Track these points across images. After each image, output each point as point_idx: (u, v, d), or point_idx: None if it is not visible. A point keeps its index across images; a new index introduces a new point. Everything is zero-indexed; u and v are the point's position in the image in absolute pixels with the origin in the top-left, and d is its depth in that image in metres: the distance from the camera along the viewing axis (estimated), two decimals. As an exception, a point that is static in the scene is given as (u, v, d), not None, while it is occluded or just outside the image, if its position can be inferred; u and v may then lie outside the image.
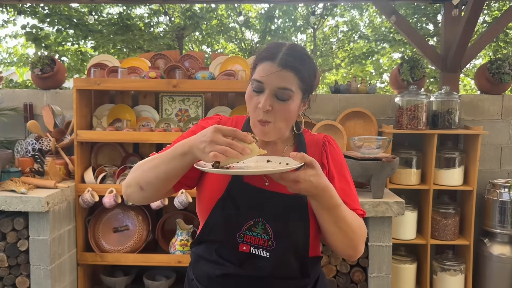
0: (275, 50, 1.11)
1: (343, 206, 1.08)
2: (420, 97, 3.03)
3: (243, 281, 1.12)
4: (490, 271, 3.08)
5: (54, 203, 2.50)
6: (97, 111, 3.06)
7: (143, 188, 1.11)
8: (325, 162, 1.20)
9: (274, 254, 1.11)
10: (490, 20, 7.68)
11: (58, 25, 6.76)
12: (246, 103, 1.16)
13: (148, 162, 1.12)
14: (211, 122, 1.22)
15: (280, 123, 1.12)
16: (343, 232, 1.09)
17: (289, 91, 1.09)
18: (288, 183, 0.99)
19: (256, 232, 1.11)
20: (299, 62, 1.10)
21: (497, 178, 3.23)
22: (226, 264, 1.12)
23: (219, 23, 8.45)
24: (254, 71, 1.14)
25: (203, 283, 1.17)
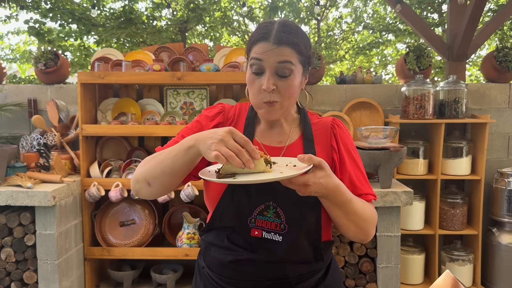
0: (267, 29, 1.08)
1: (354, 200, 1.08)
2: (427, 86, 3.00)
3: (255, 265, 1.10)
4: (499, 261, 3.06)
5: (60, 197, 2.50)
6: (102, 105, 3.05)
7: (150, 184, 1.09)
8: (334, 144, 1.18)
9: (286, 238, 1.09)
10: (496, 8, 7.58)
11: (61, 20, 6.73)
12: (248, 88, 1.14)
13: (155, 157, 1.10)
14: (214, 111, 1.22)
15: (286, 101, 1.11)
16: (354, 223, 1.09)
17: (289, 63, 1.07)
18: (297, 187, 0.97)
19: (268, 216, 1.10)
20: (293, 36, 1.08)
21: (505, 167, 3.20)
22: (238, 249, 1.11)
23: (222, 15, 8.39)
24: (249, 54, 1.12)
25: (214, 270, 1.15)
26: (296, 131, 1.21)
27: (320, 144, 1.18)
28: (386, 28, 8.73)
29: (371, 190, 1.18)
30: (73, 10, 6.81)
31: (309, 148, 1.16)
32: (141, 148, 3.07)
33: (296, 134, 1.21)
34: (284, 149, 1.18)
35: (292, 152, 1.16)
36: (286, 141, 1.19)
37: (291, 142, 1.19)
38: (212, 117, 1.21)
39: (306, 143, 1.17)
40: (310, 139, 1.18)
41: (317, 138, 1.19)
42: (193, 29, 8.57)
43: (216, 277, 1.15)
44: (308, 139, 1.18)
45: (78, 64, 7.57)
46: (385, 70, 10.67)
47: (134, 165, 2.93)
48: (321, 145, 1.18)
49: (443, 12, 7.79)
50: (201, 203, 2.96)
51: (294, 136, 1.20)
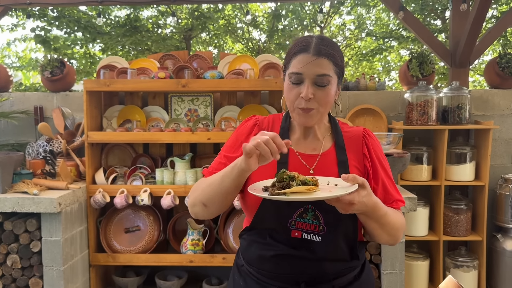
0: (307, 42, 1.18)
1: (388, 213, 1.16)
2: (430, 93, 3.01)
3: (295, 261, 1.17)
4: (503, 267, 3.05)
5: (66, 204, 2.52)
6: (107, 112, 3.08)
7: (206, 205, 1.21)
8: (366, 152, 1.26)
9: (325, 238, 1.17)
10: (498, 14, 7.60)
11: (67, 28, 6.82)
12: (285, 95, 1.22)
13: (205, 180, 1.23)
14: (249, 124, 1.32)
15: (322, 108, 1.19)
16: (387, 233, 1.19)
17: (327, 76, 1.16)
18: (343, 205, 1.04)
19: (307, 218, 1.17)
20: (331, 48, 1.17)
21: (509, 173, 3.19)
22: (279, 246, 1.18)
23: (226, 23, 8.46)
24: (289, 66, 1.20)
25: (255, 265, 1.24)
26: (329, 140, 1.29)
27: (352, 152, 1.26)
28: (389, 34, 8.76)
29: (400, 197, 1.27)
30: (79, 18, 6.89)
31: (342, 155, 1.24)
32: (146, 155, 3.09)
33: (329, 142, 1.28)
34: (319, 157, 1.25)
35: (326, 160, 1.24)
36: (320, 148, 1.27)
37: (324, 150, 1.26)
38: (248, 130, 1.30)
39: (338, 150, 1.25)
40: (342, 147, 1.25)
41: (349, 146, 1.26)
42: (197, 36, 8.64)
43: (257, 272, 1.23)
44: (340, 147, 1.26)
45: (84, 72, 7.65)
46: (389, 76, 10.68)
47: (139, 171, 2.95)
48: (352, 153, 1.25)
49: (446, 18, 7.81)
50: (206, 210, 2.97)
51: (328, 144, 1.28)
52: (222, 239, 2.88)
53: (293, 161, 1.23)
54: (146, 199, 2.73)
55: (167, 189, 2.78)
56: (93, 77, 7.86)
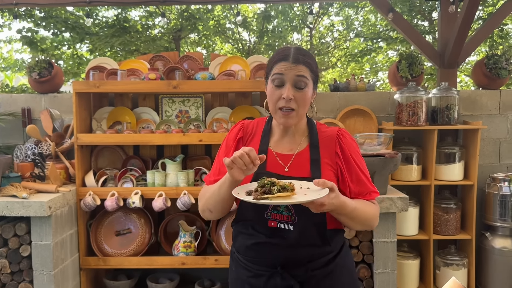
0: (286, 52, 1.36)
1: (357, 207, 1.33)
2: (420, 93, 3.04)
3: (273, 248, 1.36)
4: (492, 265, 3.09)
5: (56, 207, 2.49)
6: (97, 114, 3.05)
7: (212, 211, 1.43)
8: (338, 151, 1.40)
9: (296, 227, 1.34)
10: (485, 16, 7.71)
11: (54, 28, 6.73)
12: (268, 98, 1.39)
13: (209, 189, 1.43)
14: (235, 130, 1.50)
15: (300, 109, 1.37)
16: (359, 223, 1.38)
17: (305, 78, 1.34)
18: (315, 206, 1.20)
19: (280, 210, 1.35)
20: (307, 58, 1.36)
21: (497, 172, 3.24)
22: (259, 235, 1.37)
23: (216, 23, 8.44)
24: (271, 72, 1.38)
25: (241, 252, 1.44)
26: (305, 141, 1.45)
27: (325, 150, 1.41)
28: (378, 35, 8.83)
29: (373, 188, 1.43)
30: (67, 18, 6.81)
31: (315, 154, 1.40)
32: (137, 156, 3.07)
33: (305, 143, 1.44)
34: (293, 156, 1.41)
35: (300, 159, 1.40)
36: (296, 149, 1.43)
37: (300, 150, 1.42)
38: (234, 136, 1.49)
39: (312, 150, 1.41)
40: (316, 146, 1.41)
41: (323, 145, 1.42)
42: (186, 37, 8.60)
43: (243, 258, 1.43)
44: (314, 146, 1.41)
45: (71, 73, 7.56)
46: (376, 77, 10.77)
47: (129, 174, 2.93)
48: (325, 151, 1.41)
49: (433, 19, 7.90)
50: (197, 212, 2.95)
51: (303, 145, 1.44)
52: (215, 241, 2.87)
53: (271, 160, 1.40)
54: (138, 201, 2.70)
55: (159, 191, 2.76)
56: (81, 78, 7.77)
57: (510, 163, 3.33)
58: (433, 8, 7.46)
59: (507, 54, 3.27)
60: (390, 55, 10.24)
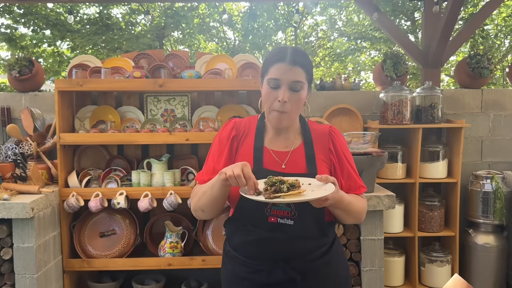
0: (283, 52, 1.37)
1: (352, 201, 1.38)
2: (404, 93, 3.07)
3: (273, 242, 1.37)
4: (475, 261, 3.15)
5: (38, 208, 2.42)
6: (79, 113, 2.99)
7: (204, 211, 1.42)
8: (331, 148, 1.45)
9: (297, 221, 1.37)
10: (466, 16, 7.85)
11: (34, 26, 6.57)
12: (263, 99, 1.42)
13: (201, 188, 1.43)
14: (228, 128, 1.49)
15: (294, 112, 1.40)
16: (352, 217, 1.43)
17: (301, 83, 1.37)
18: (319, 202, 1.23)
19: (280, 206, 1.37)
20: (304, 59, 1.38)
21: (479, 169, 3.30)
22: (259, 231, 1.38)
23: (200, 21, 8.38)
24: (267, 73, 1.39)
25: (239, 249, 1.44)
26: (299, 138, 1.48)
27: (319, 147, 1.45)
28: (361, 35, 8.91)
29: (362, 183, 1.49)
30: (47, 15, 6.65)
31: (309, 150, 1.43)
32: (121, 156, 3.01)
33: (299, 140, 1.47)
34: (290, 153, 1.44)
35: (296, 155, 1.43)
36: (291, 146, 1.45)
37: (295, 147, 1.45)
38: (228, 134, 1.48)
39: (307, 146, 1.44)
40: (310, 143, 1.44)
41: (316, 142, 1.45)
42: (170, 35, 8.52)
43: (241, 254, 1.43)
44: (308, 143, 1.44)
45: (52, 71, 7.40)
46: (359, 76, 10.87)
47: (114, 174, 2.87)
48: (319, 148, 1.44)
49: (415, 19, 8.01)
50: (184, 212, 2.93)
51: (298, 142, 1.46)
52: (201, 241, 2.85)
53: (267, 157, 1.42)
54: (122, 202, 2.66)
55: (144, 191, 2.71)
56: (62, 76, 7.62)
57: (492, 161, 3.39)
58: (416, 8, 7.56)
59: (489, 54, 3.33)
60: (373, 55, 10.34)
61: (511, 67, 3.52)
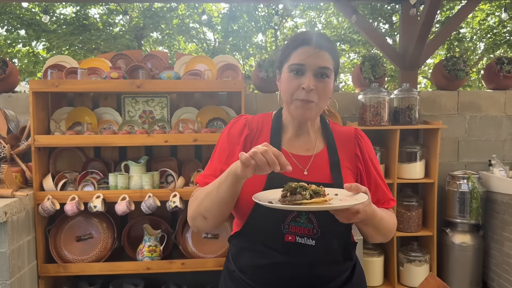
0: (307, 36, 1.18)
1: (383, 217, 1.16)
2: (382, 94, 3.11)
3: (289, 267, 1.15)
4: (453, 260, 3.20)
5: (12, 212, 2.35)
6: (55, 114, 2.92)
7: (206, 217, 1.15)
8: (358, 153, 1.25)
9: (319, 241, 1.15)
10: (442, 19, 8.02)
11: (8, 25, 6.41)
12: (283, 87, 1.20)
13: (203, 191, 1.17)
14: (239, 125, 1.27)
15: (321, 102, 1.18)
16: (381, 234, 1.21)
17: (328, 69, 1.17)
18: (349, 215, 1.01)
19: (301, 222, 1.15)
20: (331, 44, 1.20)
21: (456, 170, 3.36)
22: (272, 253, 1.15)
23: (180, 22, 8.32)
24: (288, 59, 1.19)
25: (248, 272, 1.20)
26: (321, 140, 1.27)
27: (344, 152, 1.25)
28: (340, 38, 9.00)
29: (391, 196, 1.28)
30: (22, 14, 6.50)
31: (334, 156, 1.23)
32: (98, 159, 2.95)
33: (322, 143, 1.27)
34: (312, 158, 1.23)
35: (319, 161, 1.23)
36: (313, 149, 1.25)
37: (318, 151, 1.25)
38: (239, 131, 1.26)
39: (330, 151, 1.24)
40: (334, 147, 1.25)
41: (340, 147, 1.25)
42: (148, 36, 8.43)
43: (250, 279, 1.20)
44: (332, 147, 1.25)
45: (27, 72, 7.23)
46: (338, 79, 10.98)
47: (90, 176, 2.82)
48: (344, 154, 1.24)
49: (393, 23, 8.13)
50: (163, 215, 2.89)
51: (320, 145, 1.26)
52: (181, 244, 2.81)
53: None
54: (99, 205, 2.60)
55: (122, 194, 2.67)
56: (37, 77, 7.45)
57: (468, 161, 3.46)
58: (394, 11, 7.68)
59: (465, 56, 3.40)
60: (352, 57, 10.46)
61: (486, 69, 3.60)
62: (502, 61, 3.43)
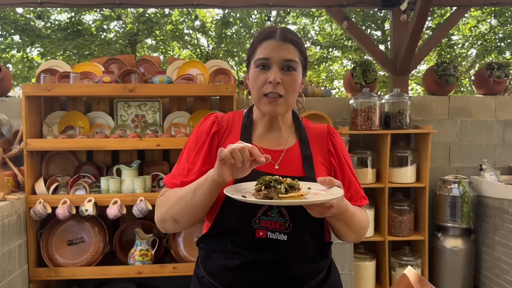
0: (272, 30, 1.18)
1: (355, 213, 1.14)
2: (373, 99, 3.14)
3: (262, 267, 1.10)
4: (444, 264, 3.21)
5: (3, 216, 2.35)
6: (48, 118, 2.93)
7: (177, 221, 1.13)
8: (331, 149, 1.24)
9: (291, 236, 1.11)
10: (434, 26, 8.11)
11: (2, 31, 6.41)
12: (251, 84, 1.19)
13: (175, 193, 1.14)
14: (208, 123, 1.25)
15: (289, 96, 1.16)
16: (354, 232, 1.18)
17: (294, 62, 1.15)
18: (321, 210, 0.99)
19: (272, 216, 1.11)
20: (296, 36, 1.19)
21: (447, 174, 3.39)
22: (243, 252, 1.11)
23: (173, 28, 8.35)
24: (254, 55, 1.19)
25: (217, 276, 1.15)
26: (293, 136, 1.26)
27: (316, 148, 1.24)
28: (333, 44, 9.06)
29: (364, 194, 1.27)
30: (16, 20, 6.51)
31: (306, 150, 1.21)
32: (90, 163, 2.96)
33: (294, 139, 1.25)
34: (284, 152, 1.21)
35: (290, 155, 1.21)
36: (285, 144, 1.23)
37: (290, 146, 1.23)
38: (208, 129, 1.23)
39: (302, 146, 1.22)
40: (306, 142, 1.23)
41: (313, 142, 1.24)
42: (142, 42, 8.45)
43: (219, 283, 1.14)
44: (304, 142, 1.23)
45: (21, 77, 7.23)
46: (332, 85, 11.04)
47: (82, 180, 2.82)
48: (317, 149, 1.23)
49: (385, 29, 8.21)
50: (154, 219, 2.88)
51: (292, 140, 1.24)
52: (172, 248, 2.81)
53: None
54: (91, 209, 2.61)
55: (114, 198, 2.67)
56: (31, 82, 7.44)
57: (459, 166, 3.49)
58: (386, 18, 7.76)
59: (455, 62, 3.44)
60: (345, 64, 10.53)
61: (477, 75, 3.65)
62: (492, 66, 3.47)
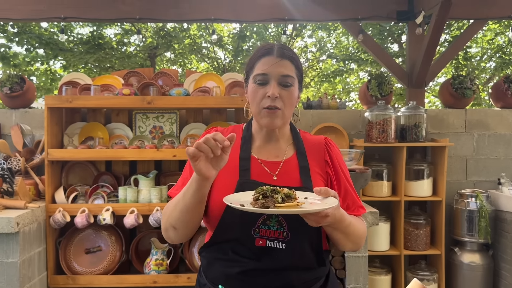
0: (269, 46, 1.25)
1: (352, 222, 1.18)
2: (389, 112, 3.14)
3: (262, 275, 1.15)
4: (461, 280, 3.16)
5: (24, 223, 2.42)
6: (68, 129, 3.01)
7: (176, 227, 1.17)
8: (328, 159, 1.28)
9: (290, 245, 1.15)
10: (451, 39, 8.06)
11: (28, 44, 6.64)
12: (251, 99, 1.24)
13: (172, 202, 1.20)
14: None
15: (287, 109, 1.22)
16: (351, 241, 1.22)
17: (291, 77, 1.22)
18: (318, 218, 1.03)
19: (271, 225, 1.16)
20: (292, 53, 1.25)
21: (464, 188, 3.35)
22: (243, 260, 1.16)
23: (192, 42, 8.51)
24: (252, 70, 1.25)
25: (220, 283, 1.19)
26: (291, 148, 1.30)
27: (313, 159, 1.27)
28: (349, 57, 9.08)
29: (361, 203, 1.30)
30: (40, 34, 6.74)
31: (303, 161, 1.26)
32: (109, 173, 3.03)
33: (292, 151, 1.29)
34: (281, 164, 1.26)
35: (288, 166, 1.25)
36: (283, 156, 1.28)
37: (287, 157, 1.27)
38: None
39: (300, 157, 1.27)
40: (303, 154, 1.28)
41: (310, 153, 1.28)
42: (162, 55, 8.63)
43: None
44: (301, 153, 1.28)
45: (44, 89, 7.45)
46: (348, 97, 11.03)
47: (101, 190, 2.88)
48: (314, 160, 1.27)
49: (402, 42, 8.20)
50: (170, 228, 2.92)
51: (290, 152, 1.29)
52: (187, 258, 2.84)
53: (256, 168, 1.24)
54: (108, 218, 2.66)
55: (131, 207, 2.72)
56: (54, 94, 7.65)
57: (477, 179, 3.44)
58: (403, 31, 7.75)
59: (472, 75, 3.42)
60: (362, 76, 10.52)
61: (494, 88, 3.62)
62: (510, 79, 3.44)
